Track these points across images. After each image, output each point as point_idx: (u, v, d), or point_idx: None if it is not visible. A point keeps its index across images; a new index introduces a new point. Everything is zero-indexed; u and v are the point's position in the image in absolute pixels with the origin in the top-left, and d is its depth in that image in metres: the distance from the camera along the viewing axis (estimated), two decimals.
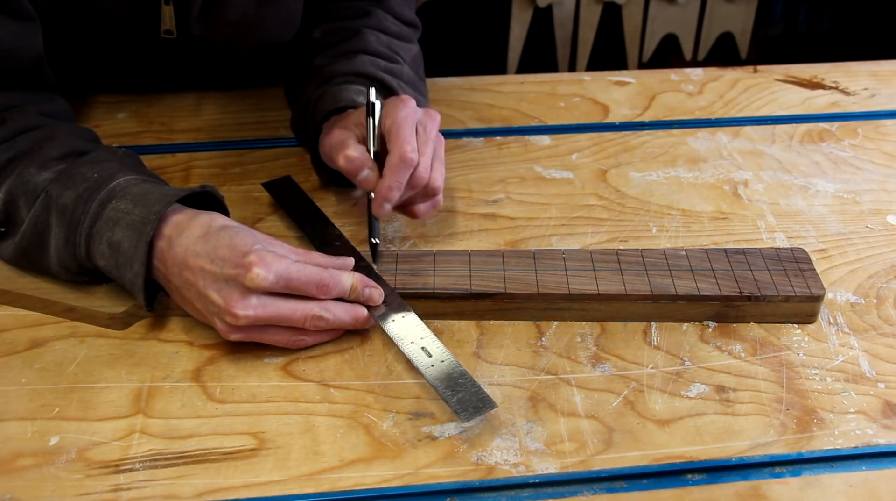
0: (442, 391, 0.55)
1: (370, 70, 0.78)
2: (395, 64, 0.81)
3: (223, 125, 0.88)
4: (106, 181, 0.62)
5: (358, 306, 0.61)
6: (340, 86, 0.76)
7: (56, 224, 0.61)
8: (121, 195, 0.61)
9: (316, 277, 0.58)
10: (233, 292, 0.57)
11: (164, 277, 0.61)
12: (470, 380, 0.56)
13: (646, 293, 0.63)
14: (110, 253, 0.60)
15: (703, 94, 0.96)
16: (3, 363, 0.60)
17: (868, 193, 0.79)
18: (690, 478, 0.53)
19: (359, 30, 0.82)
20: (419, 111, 0.69)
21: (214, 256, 0.58)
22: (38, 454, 0.54)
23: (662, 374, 0.60)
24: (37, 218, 0.62)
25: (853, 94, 0.96)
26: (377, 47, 0.81)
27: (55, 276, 0.64)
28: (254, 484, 0.52)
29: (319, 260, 0.61)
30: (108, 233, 0.60)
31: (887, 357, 0.61)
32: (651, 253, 0.67)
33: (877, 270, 0.69)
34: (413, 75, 0.82)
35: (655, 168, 0.82)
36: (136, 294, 0.60)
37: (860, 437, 0.55)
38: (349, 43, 0.81)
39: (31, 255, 0.64)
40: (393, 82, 0.77)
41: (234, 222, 0.61)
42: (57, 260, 0.62)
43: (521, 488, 0.52)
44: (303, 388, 0.59)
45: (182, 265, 0.59)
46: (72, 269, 0.62)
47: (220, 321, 0.59)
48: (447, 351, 0.58)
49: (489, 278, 0.64)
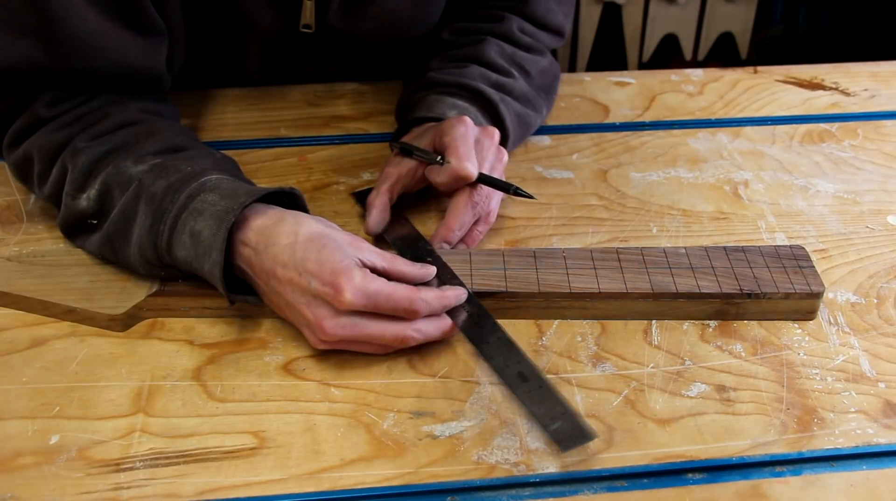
0: (540, 418, 0.55)
1: (475, 83, 0.78)
2: (509, 78, 0.81)
3: (223, 125, 0.88)
4: (199, 175, 0.62)
5: (444, 317, 0.61)
6: (438, 96, 0.77)
7: (143, 211, 0.61)
8: (210, 189, 0.61)
9: (405, 301, 0.57)
10: (323, 309, 0.57)
11: (251, 280, 0.60)
12: (568, 408, 0.55)
13: (647, 291, 0.63)
14: (191, 243, 0.59)
15: (704, 94, 0.96)
16: (4, 361, 0.60)
17: (868, 193, 0.79)
18: (691, 477, 0.53)
19: (483, 37, 0.83)
20: (476, 130, 0.70)
21: (303, 269, 0.57)
22: (38, 452, 0.54)
23: (663, 373, 0.60)
24: (126, 204, 0.62)
25: (853, 94, 0.96)
26: (495, 59, 0.81)
27: (133, 267, 0.63)
28: (254, 483, 0.52)
29: (403, 268, 0.61)
30: (191, 223, 0.59)
31: (888, 357, 0.61)
32: (651, 251, 0.67)
33: (877, 270, 0.69)
34: (528, 90, 0.82)
35: (656, 168, 0.82)
36: (215, 284, 0.59)
37: (861, 436, 0.55)
38: (468, 49, 0.82)
39: (115, 242, 0.63)
40: (495, 97, 0.78)
41: (319, 225, 0.60)
42: (138, 249, 0.61)
43: (521, 487, 0.52)
44: (303, 387, 0.59)
45: (270, 274, 0.58)
46: (150, 259, 0.61)
47: (310, 332, 0.59)
48: (540, 373, 0.57)
49: (490, 277, 0.64)
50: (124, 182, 0.63)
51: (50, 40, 0.63)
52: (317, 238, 0.58)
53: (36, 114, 0.67)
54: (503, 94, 0.79)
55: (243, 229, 0.59)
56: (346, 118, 0.90)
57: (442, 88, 0.78)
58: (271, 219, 0.59)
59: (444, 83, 0.78)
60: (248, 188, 0.61)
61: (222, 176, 0.63)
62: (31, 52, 0.63)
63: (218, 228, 0.58)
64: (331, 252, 0.57)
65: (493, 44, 0.82)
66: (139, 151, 0.64)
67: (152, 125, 0.68)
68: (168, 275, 0.63)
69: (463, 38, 0.84)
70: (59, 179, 0.66)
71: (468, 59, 0.81)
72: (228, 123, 0.89)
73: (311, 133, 0.87)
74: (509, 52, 0.83)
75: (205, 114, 0.90)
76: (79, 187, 0.64)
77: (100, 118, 0.67)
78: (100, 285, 0.65)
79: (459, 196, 0.69)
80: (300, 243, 0.58)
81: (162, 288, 0.63)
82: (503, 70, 0.81)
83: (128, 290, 0.64)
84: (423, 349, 0.61)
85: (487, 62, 0.81)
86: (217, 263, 0.58)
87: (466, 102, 0.77)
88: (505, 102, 0.78)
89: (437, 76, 0.79)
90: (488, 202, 0.70)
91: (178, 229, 0.60)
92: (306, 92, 0.94)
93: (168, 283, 0.64)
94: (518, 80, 0.81)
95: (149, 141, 0.66)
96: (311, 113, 0.90)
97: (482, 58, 0.81)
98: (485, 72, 0.80)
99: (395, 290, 0.57)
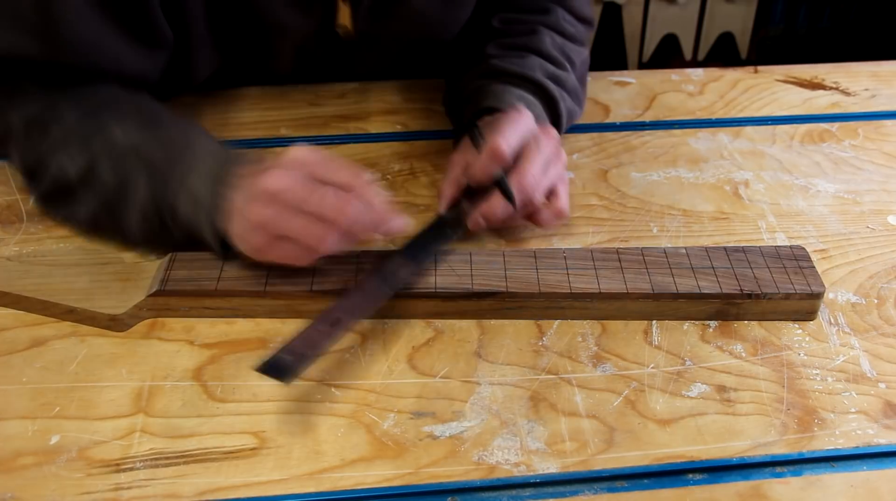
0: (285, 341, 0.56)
1: (537, 76, 0.77)
2: (563, 70, 0.81)
3: (224, 125, 0.88)
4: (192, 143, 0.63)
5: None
6: (505, 86, 0.77)
7: (144, 177, 0.62)
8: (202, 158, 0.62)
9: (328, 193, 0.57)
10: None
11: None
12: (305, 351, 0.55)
13: (647, 292, 0.63)
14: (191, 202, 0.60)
15: (704, 94, 0.96)
16: (4, 361, 0.60)
17: (869, 193, 0.79)
18: (691, 478, 0.53)
19: (536, 27, 0.82)
20: (535, 126, 0.70)
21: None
22: (38, 453, 0.54)
23: (663, 374, 0.60)
24: (124, 174, 0.63)
25: (854, 94, 0.96)
26: (550, 50, 0.81)
27: (130, 236, 0.65)
28: (255, 484, 0.52)
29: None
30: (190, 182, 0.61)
31: (888, 357, 0.61)
32: (651, 252, 0.67)
33: (877, 270, 0.69)
34: (576, 85, 0.82)
35: (656, 168, 0.82)
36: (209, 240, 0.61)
37: (861, 437, 0.55)
38: (524, 38, 0.81)
39: (113, 210, 0.64)
40: (555, 92, 0.78)
41: None
42: (140, 215, 0.63)
43: (522, 487, 0.52)
44: (304, 387, 0.59)
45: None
46: (154, 225, 0.63)
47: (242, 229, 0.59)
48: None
49: (491, 277, 0.64)
50: (116, 154, 0.64)
51: (47, 36, 0.64)
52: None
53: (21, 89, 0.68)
54: (560, 88, 0.79)
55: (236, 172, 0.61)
56: (347, 118, 0.90)
57: (506, 78, 0.78)
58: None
59: (508, 73, 0.78)
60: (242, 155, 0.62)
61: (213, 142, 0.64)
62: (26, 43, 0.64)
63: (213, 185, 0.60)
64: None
65: (547, 34, 0.82)
66: (125, 124, 0.65)
67: (134, 97, 0.70)
68: (161, 240, 0.65)
69: (515, 27, 0.84)
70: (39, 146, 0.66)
71: (526, 49, 0.81)
72: (229, 122, 0.89)
73: (311, 133, 0.87)
74: (560, 44, 0.83)
75: (205, 114, 0.90)
76: (69, 156, 0.65)
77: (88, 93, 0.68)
78: (100, 284, 0.64)
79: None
80: None
81: (162, 288, 0.63)
82: (558, 62, 0.81)
83: (128, 290, 0.64)
84: (424, 349, 0.61)
85: (544, 53, 0.81)
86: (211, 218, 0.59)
87: (531, 95, 0.77)
88: (564, 100, 0.79)
89: (499, 65, 0.79)
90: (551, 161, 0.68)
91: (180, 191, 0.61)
92: (306, 92, 0.93)
93: (168, 282, 0.63)
94: (569, 72, 0.82)
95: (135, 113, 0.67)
96: (312, 113, 0.90)
97: (540, 49, 0.81)
98: (543, 63, 0.80)
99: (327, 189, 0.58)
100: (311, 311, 0.63)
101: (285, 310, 0.64)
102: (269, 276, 0.63)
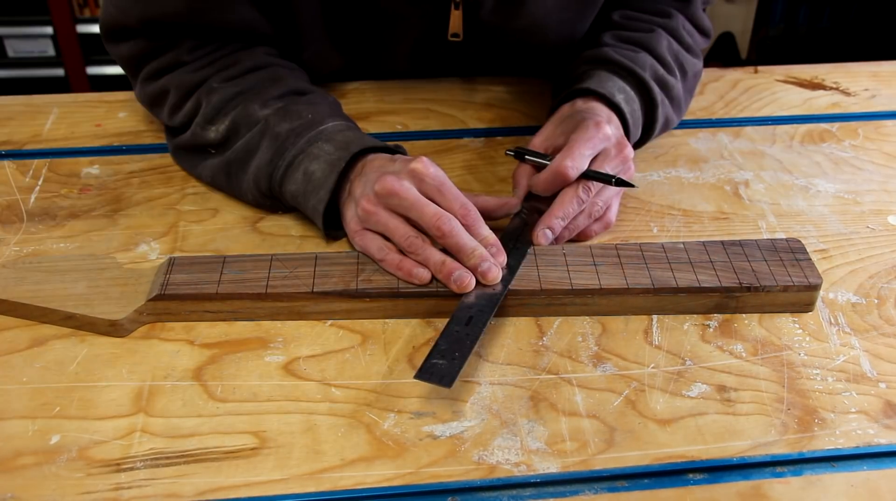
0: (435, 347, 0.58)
1: (645, 74, 0.78)
2: (672, 76, 0.81)
3: None
4: (318, 123, 0.71)
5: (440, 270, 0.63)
6: (610, 75, 0.77)
7: (266, 146, 0.71)
8: (326, 138, 0.70)
9: (434, 214, 0.63)
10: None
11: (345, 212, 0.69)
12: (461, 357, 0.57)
13: (647, 287, 0.63)
14: (303, 180, 0.69)
15: (704, 94, 0.96)
16: (4, 361, 0.60)
17: (869, 193, 0.79)
18: (692, 478, 0.53)
19: (655, 28, 0.83)
20: (611, 141, 0.71)
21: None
22: (38, 452, 0.54)
23: (663, 374, 0.60)
24: (251, 139, 0.72)
25: (854, 94, 0.96)
26: (664, 53, 0.81)
27: (241, 194, 0.74)
28: (255, 483, 0.52)
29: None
30: (306, 164, 0.69)
31: (888, 357, 0.61)
32: (650, 247, 0.67)
33: (878, 270, 0.69)
34: (681, 93, 0.83)
35: (656, 168, 0.82)
36: (315, 219, 0.69)
37: (861, 437, 0.55)
38: (642, 35, 0.82)
39: (232, 169, 0.74)
40: (658, 95, 0.78)
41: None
42: (253, 177, 0.72)
43: (522, 487, 0.52)
44: (304, 387, 0.59)
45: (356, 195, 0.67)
46: (262, 188, 0.71)
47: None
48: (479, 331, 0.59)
49: None
50: (252, 122, 0.73)
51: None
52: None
53: (178, 57, 0.77)
54: (664, 93, 0.80)
55: (348, 174, 0.69)
56: None
57: (614, 68, 0.78)
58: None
59: (619, 64, 0.78)
60: (360, 140, 0.70)
61: (337, 122, 0.72)
62: (178, 6, 0.74)
63: (330, 172, 0.68)
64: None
65: (664, 37, 0.83)
66: (265, 96, 0.74)
67: (277, 71, 0.78)
68: (271, 205, 0.73)
69: (635, 24, 0.84)
70: (191, 111, 0.76)
71: (640, 46, 0.81)
72: None
73: None
74: (675, 49, 0.83)
75: None
76: (209, 121, 0.75)
77: (232, 63, 0.77)
78: (98, 290, 0.64)
79: (567, 188, 0.69)
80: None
81: (162, 292, 0.63)
82: (669, 66, 0.81)
83: (127, 295, 0.63)
84: (424, 349, 0.61)
85: (658, 55, 0.81)
86: (323, 200, 0.67)
87: (634, 90, 0.77)
88: (664, 105, 0.79)
89: (611, 54, 0.79)
90: (599, 200, 0.70)
91: (294, 166, 0.69)
92: None
93: (168, 286, 0.63)
94: (678, 80, 0.82)
95: (274, 86, 0.75)
96: None
97: (654, 49, 0.81)
98: (654, 63, 0.80)
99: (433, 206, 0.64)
100: (313, 312, 0.63)
101: (287, 312, 0.64)
102: (269, 278, 0.63)
